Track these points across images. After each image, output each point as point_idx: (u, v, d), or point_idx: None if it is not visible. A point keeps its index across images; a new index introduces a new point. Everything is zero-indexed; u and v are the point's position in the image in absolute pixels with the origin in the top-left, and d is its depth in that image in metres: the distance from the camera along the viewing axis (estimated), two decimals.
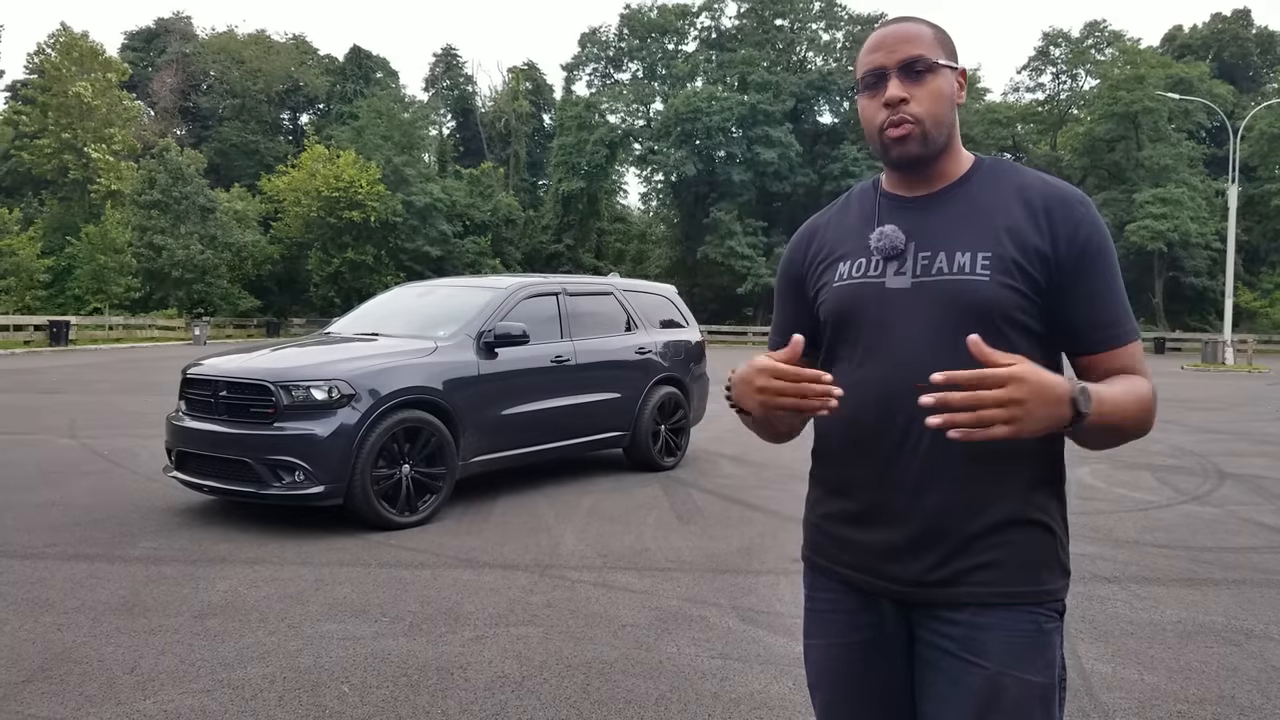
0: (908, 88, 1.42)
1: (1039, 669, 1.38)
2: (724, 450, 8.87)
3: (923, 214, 1.47)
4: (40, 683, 3.30)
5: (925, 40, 1.44)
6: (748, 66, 47.01)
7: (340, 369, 5.72)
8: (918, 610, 1.44)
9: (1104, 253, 1.40)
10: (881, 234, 1.46)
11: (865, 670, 1.50)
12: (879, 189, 1.54)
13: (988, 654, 1.37)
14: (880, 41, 1.45)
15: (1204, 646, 3.80)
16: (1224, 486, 7.47)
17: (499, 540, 5.40)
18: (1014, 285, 1.38)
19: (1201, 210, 39.95)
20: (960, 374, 1.20)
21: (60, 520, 5.72)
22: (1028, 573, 1.39)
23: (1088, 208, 1.41)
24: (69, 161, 38.34)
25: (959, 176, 1.48)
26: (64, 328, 28.21)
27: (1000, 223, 1.41)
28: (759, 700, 3.23)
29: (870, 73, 1.45)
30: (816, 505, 1.58)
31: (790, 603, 4.26)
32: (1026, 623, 1.38)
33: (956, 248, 1.41)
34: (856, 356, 1.47)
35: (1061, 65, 51.05)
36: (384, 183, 40.07)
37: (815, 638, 1.57)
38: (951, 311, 1.38)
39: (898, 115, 1.42)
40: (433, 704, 3.17)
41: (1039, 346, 1.41)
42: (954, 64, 1.46)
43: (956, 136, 1.49)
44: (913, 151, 1.43)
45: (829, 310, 1.51)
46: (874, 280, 1.46)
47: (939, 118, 1.43)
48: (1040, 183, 1.45)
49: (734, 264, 42.25)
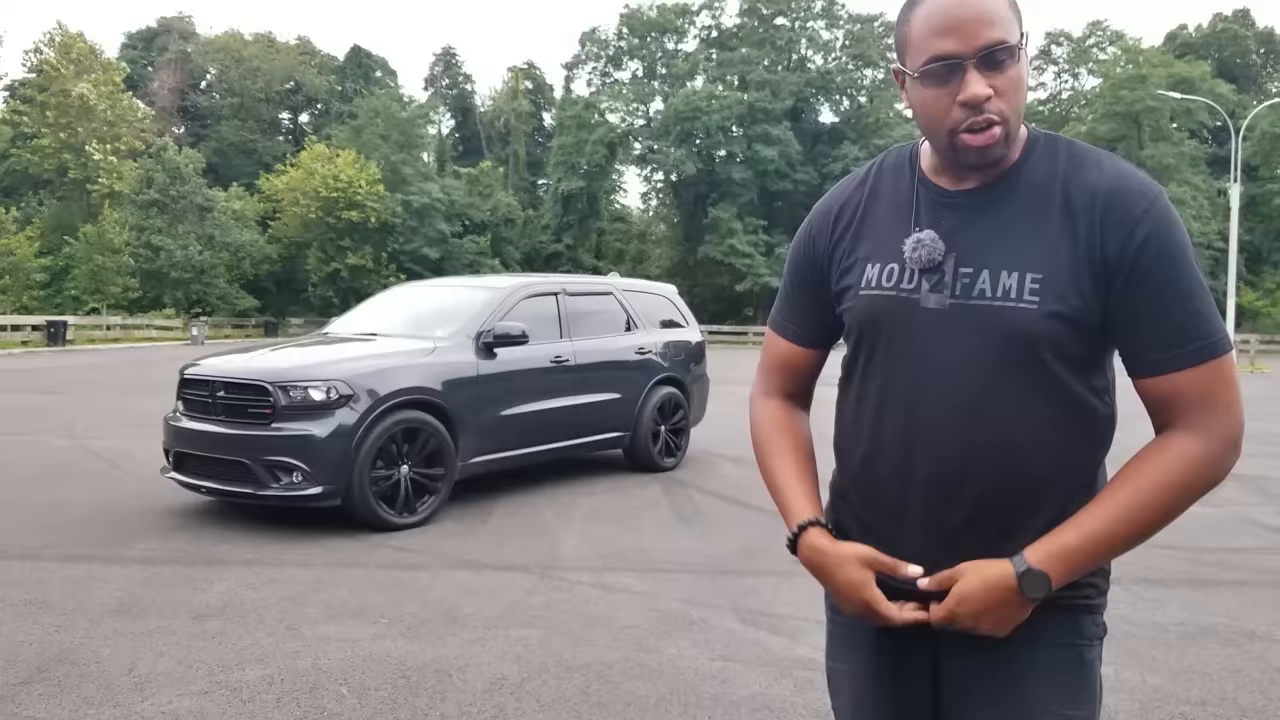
0: (990, 80, 1.17)
1: (1081, 703, 1.28)
2: (724, 451, 8.85)
3: (968, 214, 1.26)
4: (38, 684, 3.28)
5: (1003, 15, 1.18)
6: (747, 65, 47.06)
7: (338, 369, 5.70)
8: (945, 637, 1.32)
9: (1167, 254, 1.18)
10: (919, 243, 1.26)
11: (891, 697, 1.40)
12: (916, 170, 1.33)
13: (1024, 687, 1.26)
14: (952, 19, 1.17)
15: (1206, 648, 3.78)
16: (1226, 487, 7.41)
17: (498, 541, 5.38)
18: (1064, 313, 1.19)
19: (1204, 210, 39.99)
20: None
21: (58, 521, 5.70)
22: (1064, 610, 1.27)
23: (1151, 202, 1.19)
24: (68, 161, 38.32)
25: (1010, 163, 1.26)
26: (62, 328, 28.20)
27: (1053, 227, 1.21)
28: (759, 702, 3.21)
29: (939, 61, 1.18)
30: (839, 523, 1.44)
31: (791, 604, 4.24)
32: (1069, 657, 1.27)
33: (1002, 265, 1.22)
34: (882, 377, 1.31)
35: (1064, 65, 51.09)
36: (382, 182, 40.07)
37: (838, 661, 1.48)
38: (993, 342, 1.21)
39: (984, 117, 1.18)
40: (431, 706, 3.15)
41: (1085, 369, 1.25)
42: (1023, 31, 1.22)
43: None
44: (995, 155, 1.22)
45: (854, 318, 1.35)
46: (907, 295, 1.28)
47: (1019, 109, 1.21)
48: (1101, 170, 1.23)
49: (734, 263, 42.25)
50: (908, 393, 1.28)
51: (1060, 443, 1.25)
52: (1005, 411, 1.23)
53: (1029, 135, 1.28)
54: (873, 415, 1.32)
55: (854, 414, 1.37)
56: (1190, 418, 1.20)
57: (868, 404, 1.33)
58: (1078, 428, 1.26)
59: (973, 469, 1.25)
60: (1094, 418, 1.28)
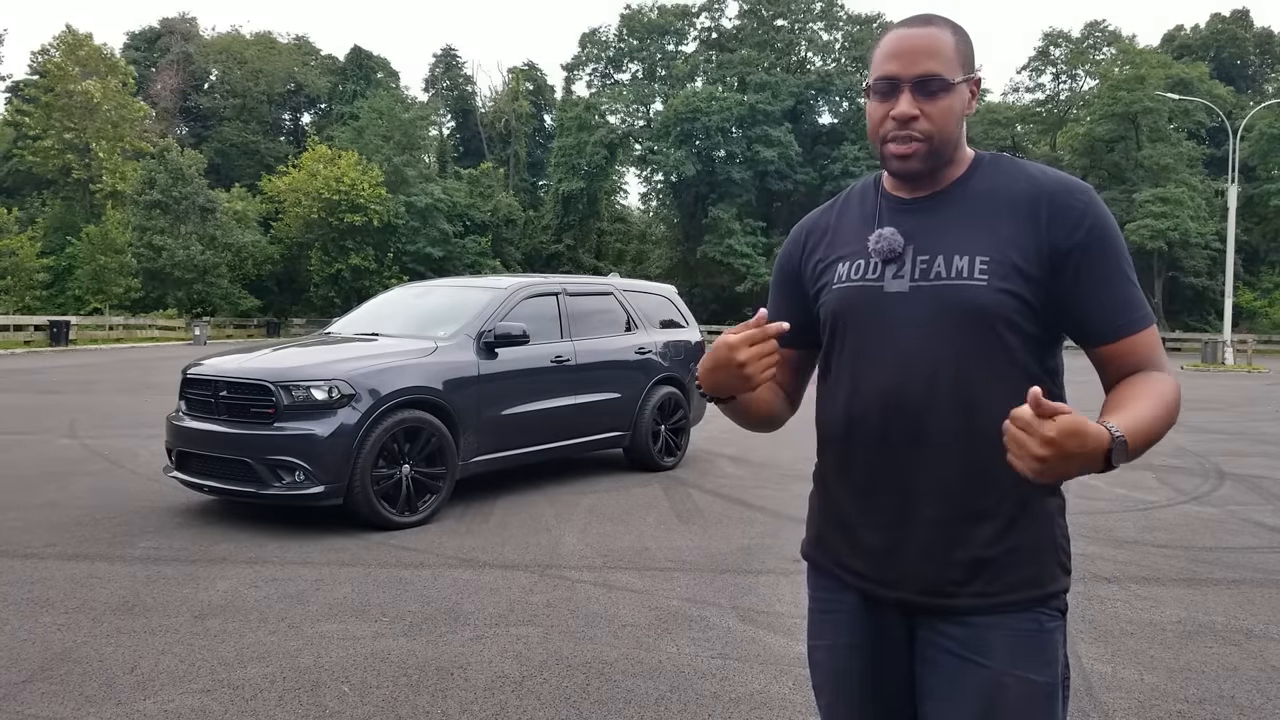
0: (920, 104, 1.38)
1: (1041, 668, 1.37)
2: (724, 450, 8.87)
3: (923, 216, 1.45)
4: (40, 682, 3.30)
5: (946, 54, 1.40)
6: (747, 67, 47.06)
7: (340, 369, 5.72)
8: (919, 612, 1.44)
9: (1107, 241, 1.38)
10: (880, 236, 1.45)
11: (866, 671, 1.49)
12: (880, 189, 1.52)
13: (990, 654, 1.37)
14: (899, 48, 1.41)
15: (1203, 646, 3.80)
16: (1224, 486, 7.47)
17: (499, 540, 5.40)
18: (1012, 289, 1.36)
19: (1201, 210, 39.96)
20: (1017, 412, 1.18)
21: (60, 520, 5.72)
22: (1030, 578, 1.39)
23: (1089, 196, 1.39)
24: (72, 161, 38.36)
25: (959, 176, 1.46)
26: (64, 328, 28.22)
27: (999, 224, 1.39)
28: (759, 700, 3.23)
29: (883, 79, 1.41)
30: (818, 505, 1.58)
31: (790, 602, 4.26)
32: (1029, 622, 1.38)
33: (955, 251, 1.40)
34: (856, 359, 1.46)
35: (1061, 65, 51.07)
36: (384, 184, 40.09)
37: (817, 638, 1.57)
38: (950, 316, 1.37)
39: (905, 132, 1.39)
40: (433, 704, 3.17)
41: (1036, 347, 1.41)
42: (971, 74, 1.43)
43: (962, 143, 1.46)
44: (914, 168, 1.42)
45: (829, 312, 1.51)
46: (873, 283, 1.45)
47: (948, 135, 1.41)
48: (1040, 176, 1.42)
49: (734, 262, 42.28)
50: (877, 367, 1.43)
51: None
52: (965, 376, 1.38)
53: (975, 155, 1.48)
54: (848, 391, 1.47)
55: (831, 394, 1.51)
56: (1151, 365, 1.39)
57: (843, 383, 1.48)
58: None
59: (937, 431, 1.38)
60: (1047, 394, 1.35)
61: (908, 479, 1.41)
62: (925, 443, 1.39)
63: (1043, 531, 1.41)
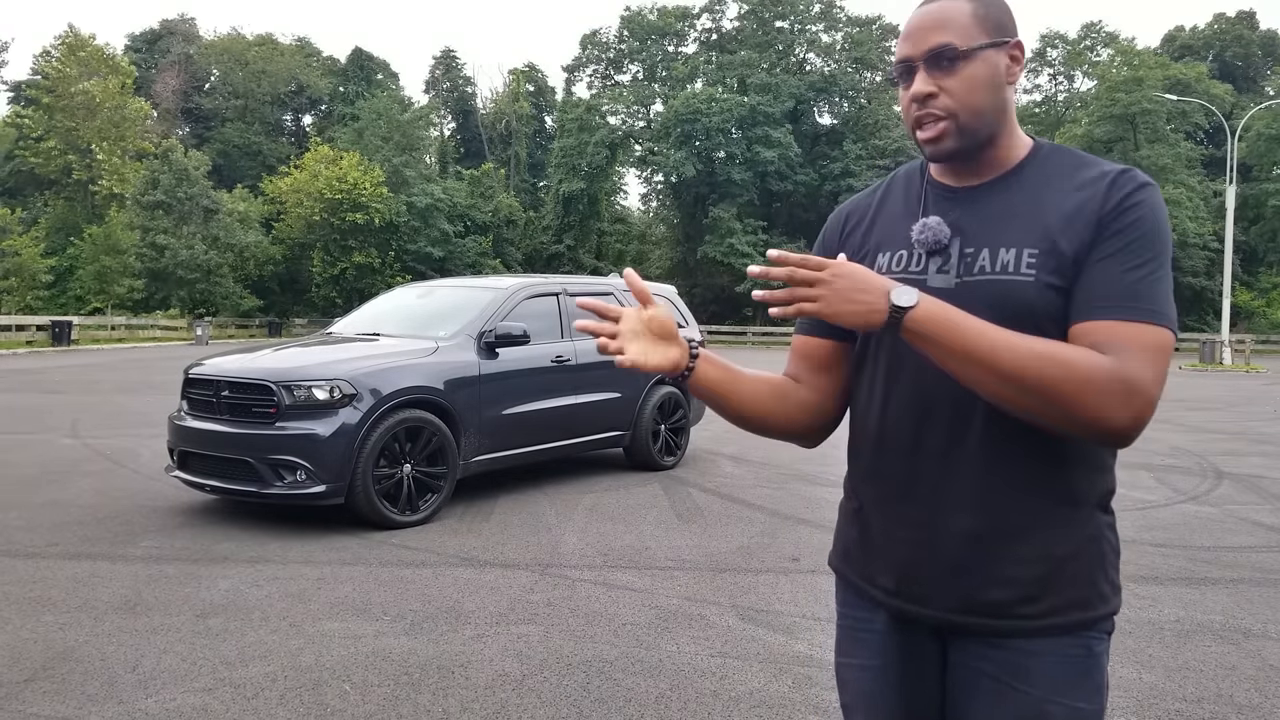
0: (937, 80, 1.29)
1: (1089, 695, 1.28)
2: (724, 450, 8.88)
3: (970, 206, 1.34)
4: (42, 681, 3.31)
5: (957, 23, 1.29)
6: (747, 68, 47.08)
7: (342, 369, 5.73)
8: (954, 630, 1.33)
9: (1140, 225, 1.23)
10: (925, 226, 1.34)
11: (898, 694, 1.41)
12: (926, 175, 1.41)
13: (1033, 680, 1.27)
14: (909, 29, 1.32)
15: (1202, 645, 3.81)
16: (1222, 486, 7.49)
17: (500, 539, 5.41)
18: (1059, 285, 1.24)
19: (1199, 210, 40.01)
20: (788, 255, 1.18)
21: (62, 519, 5.73)
22: (1077, 600, 1.29)
23: (1148, 190, 1.26)
24: (73, 162, 38.37)
25: (1013, 165, 1.34)
26: (66, 328, 28.21)
27: (1053, 213, 1.27)
28: (758, 699, 3.25)
29: (900, 64, 1.33)
30: (847, 514, 1.49)
31: (789, 601, 4.28)
32: (1075, 647, 1.28)
33: (1002, 244, 1.28)
34: (894, 359, 1.35)
35: (1059, 66, 51.09)
36: (385, 184, 40.12)
37: (846, 656, 1.48)
38: (996, 315, 1.23)
39: (927, 112, 1.30)
40: (434, 702, 3.18)
41: None
42: (1001, 39, 1.30)
43: (1010, 120, 1.34)
44: (947, 148, 1.31)
45: None
46: (915, 276, 1.33)
47: (977, 108, 1.29)
48: (1106, 164, 1.31)
49: (734, 262, 42.28)
50: (915, 369, 1.31)
51: None
52: None
53: (1035, 142, 1.37)
54: (882, 394, 1.37)
55: (864, 396, 1.42)
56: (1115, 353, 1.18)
57: (878, 384, 1.38)
58: None
59: (974, 438, 1.28)
60: None
61: (941, 489, 1.31)
62: (961, 450, 1.29)
63: (1091, 549, 1.30)
